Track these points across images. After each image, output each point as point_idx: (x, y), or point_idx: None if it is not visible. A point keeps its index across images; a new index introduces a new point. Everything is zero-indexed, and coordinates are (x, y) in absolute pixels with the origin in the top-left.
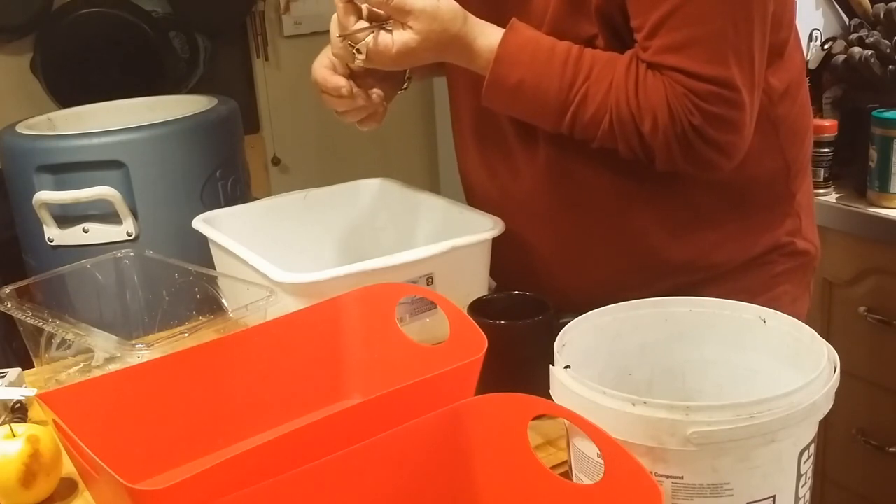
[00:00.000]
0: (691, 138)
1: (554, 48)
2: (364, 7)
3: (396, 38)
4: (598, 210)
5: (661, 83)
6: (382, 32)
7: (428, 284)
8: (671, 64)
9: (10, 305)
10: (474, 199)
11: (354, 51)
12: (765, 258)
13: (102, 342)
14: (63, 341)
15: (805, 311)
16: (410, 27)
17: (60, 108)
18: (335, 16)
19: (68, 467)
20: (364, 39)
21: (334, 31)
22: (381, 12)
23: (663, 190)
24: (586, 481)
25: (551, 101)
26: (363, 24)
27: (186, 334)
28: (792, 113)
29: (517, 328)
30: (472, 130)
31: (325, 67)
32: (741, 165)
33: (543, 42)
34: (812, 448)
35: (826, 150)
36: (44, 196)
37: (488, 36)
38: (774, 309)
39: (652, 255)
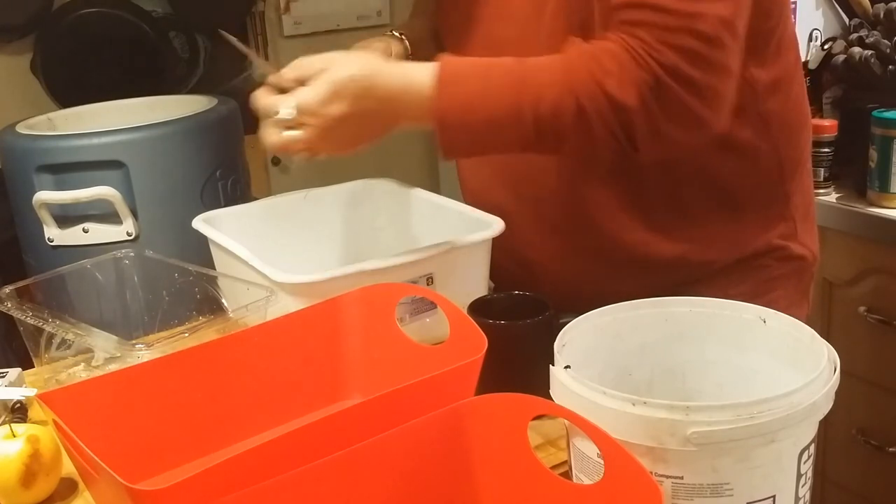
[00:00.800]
0: (666, 82)
1: (492, 61)
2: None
3: (315, 121)
4: (594, 213)
5: (618, 37)
6: (293, 131)
7: (428, 284)
8: (640, 10)
9: (10, 305)
10: (474, 202)
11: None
12: (758, 261)
13: (102, 342)
14: (63, 341)
15: (804, 317)
16: (317, 93)
17: (60, 108)
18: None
19: (68, 467)
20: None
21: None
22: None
23: (655, 190)
24: (586, 481)
25: (505, 107)
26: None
27: (186, 334)
28: (784, 109)
29: (517, 328)
30: None
31: None
32: (730, 158)
33: (480, 60)
34: (812, 448)
35: (826, 150)
36: (44, 196)
37: (418, 66)
38: None
39: (642, 251)
